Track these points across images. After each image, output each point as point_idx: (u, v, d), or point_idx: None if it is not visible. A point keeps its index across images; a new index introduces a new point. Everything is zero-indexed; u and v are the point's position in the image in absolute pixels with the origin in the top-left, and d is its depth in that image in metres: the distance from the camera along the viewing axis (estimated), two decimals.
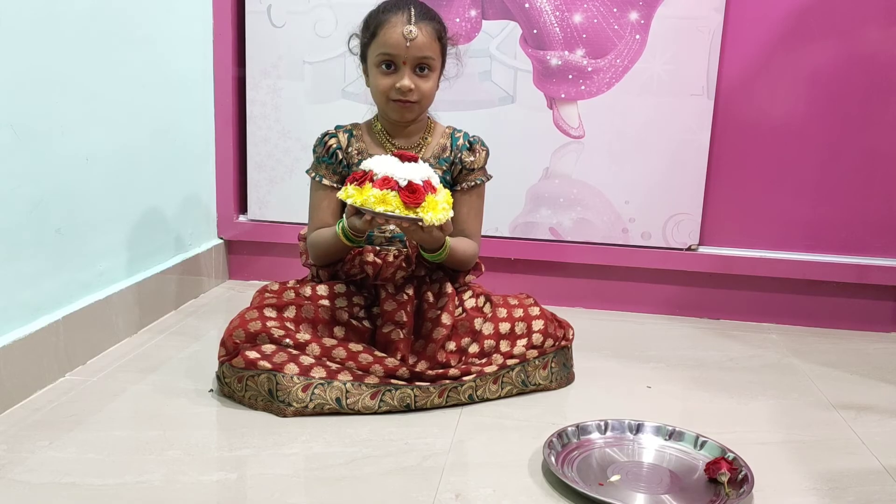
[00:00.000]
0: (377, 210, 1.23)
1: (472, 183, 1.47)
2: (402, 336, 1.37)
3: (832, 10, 1.79)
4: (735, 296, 1.92)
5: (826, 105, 1.83)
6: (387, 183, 1.24)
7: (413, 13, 1.37)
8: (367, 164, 1.28)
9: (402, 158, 1.29)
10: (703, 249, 1.91)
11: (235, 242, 2.05)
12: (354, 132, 1.47)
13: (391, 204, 1.23)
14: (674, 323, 1.89)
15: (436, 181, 1.28)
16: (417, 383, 1.33)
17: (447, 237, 1.36)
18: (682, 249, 1.90)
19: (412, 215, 1.23)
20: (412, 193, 1.24)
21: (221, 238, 2.04)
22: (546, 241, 1.93)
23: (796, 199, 1.88)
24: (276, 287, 1.46)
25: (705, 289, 1.92)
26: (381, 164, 1.27)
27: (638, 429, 1.25)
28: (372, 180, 1.25)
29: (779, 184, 1.88)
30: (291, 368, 1.29)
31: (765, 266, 1.88)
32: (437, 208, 1.25)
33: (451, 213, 1.28)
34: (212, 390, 1.37)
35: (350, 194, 1.25)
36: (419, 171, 1.26)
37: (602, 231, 1.92)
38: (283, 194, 1.99)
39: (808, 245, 1.89)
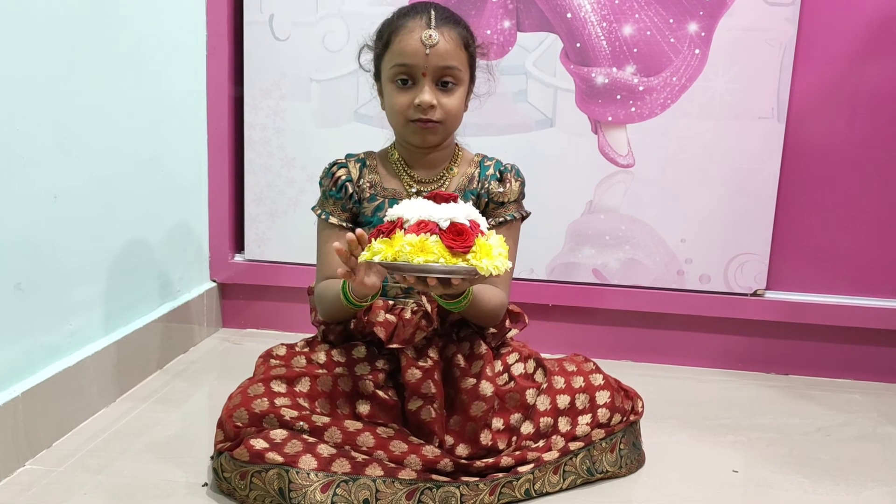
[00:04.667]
0: (416, 262, 0.96)
1: (502, 219, 1.22)
2: (433, 415, 1.12)
3: None
4: (807, 348, 1.69)
5: None
6: (423, 227, 0.98)
7: (433, 16, 1.14)
8: (393, 212, 1.01)
9: (438, 199, 1.02)
10: (770, 295, 1.69)
11: (230, 286, 1.80)
12: (367, 162, 1.24)
13: (432, 252, 0.96)
14: (739, 380, 1.65)
15: (484, 224, 1.02)
16: (464, 478, 1.07)
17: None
18: (746, 295, 1.68)
19: (462, 264, 0.97)
20: (458, 236, 0.97)
21: (214, 281, 1.79)
22: (589, 285, 1.71)
23: (877, 237, 1.66)
24: (282, 352, 1.22)
25: (773, 339, 1.69)
26: (413, 208, 1.00)
27: None
28: (403, 228, 0.99)
29: (857, 220, 1.66)
30: (308, 462, 1.03)
31: (841, 314, 1.66)
32: (492, 254, 0.99)
33: (510, 264, 1.01)
34: (206, 484, 1.12)
35: (377, 250, 0.98)
36: (462, 211, 1.00)
37: (654, 273, 1.68)
38: (286, 231, 1.75)
39: (891, 290, 1.67)
